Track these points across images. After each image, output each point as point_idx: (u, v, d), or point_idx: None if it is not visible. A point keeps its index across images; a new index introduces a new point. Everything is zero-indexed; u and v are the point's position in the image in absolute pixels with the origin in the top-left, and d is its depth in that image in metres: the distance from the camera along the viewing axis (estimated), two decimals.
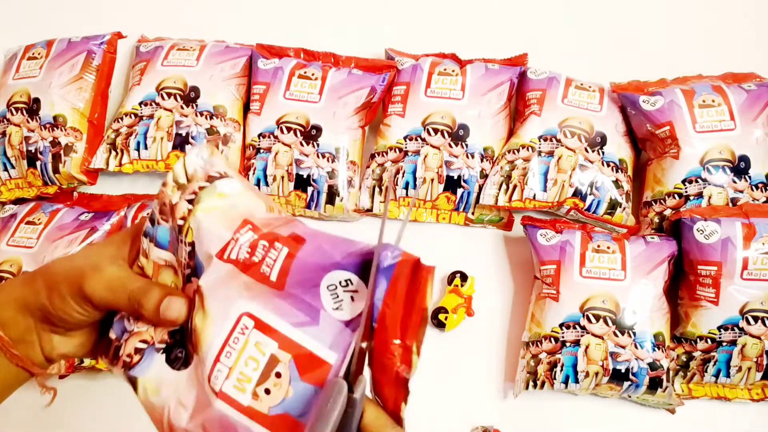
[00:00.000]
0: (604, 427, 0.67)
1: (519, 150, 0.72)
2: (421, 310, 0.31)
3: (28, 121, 0.76)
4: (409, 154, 0.73)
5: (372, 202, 0.75)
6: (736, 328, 0.63)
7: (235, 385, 0.32)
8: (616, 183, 0.71)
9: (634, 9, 0.88)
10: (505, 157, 0.73)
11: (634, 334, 0.63)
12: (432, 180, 0.73)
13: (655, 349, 0.63)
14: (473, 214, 0.75)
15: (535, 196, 0.71)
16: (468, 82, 0.76)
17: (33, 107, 0.77)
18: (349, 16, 0.89)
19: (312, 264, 0.33)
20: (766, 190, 0.69)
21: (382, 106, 0.78)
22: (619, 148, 0.73)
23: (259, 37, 0.82)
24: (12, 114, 0.77)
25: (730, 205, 0.68)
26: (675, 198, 0.70)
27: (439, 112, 0.74)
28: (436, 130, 0.73)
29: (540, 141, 0.72)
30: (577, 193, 0.71)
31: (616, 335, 0.63)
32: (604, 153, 0.72)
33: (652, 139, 0.72)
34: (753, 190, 0.69)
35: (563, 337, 0.64)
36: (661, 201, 0.71)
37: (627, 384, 0.63)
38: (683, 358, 0.66)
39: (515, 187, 0.71)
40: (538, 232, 0.70)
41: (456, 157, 0.73)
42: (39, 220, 0.73)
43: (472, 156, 0.73)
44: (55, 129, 0.76)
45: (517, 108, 0.79)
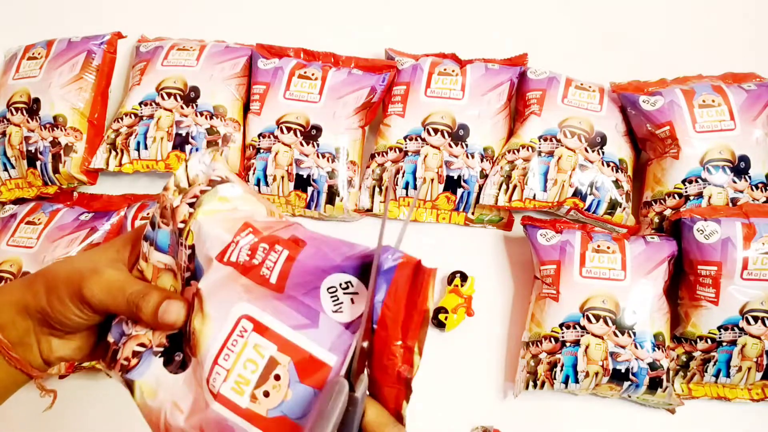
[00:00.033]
0: (604, 427, 0.67)
1: (519, 150, 0.72)
2: (422, 311, 0.31)
3: (28, 121, 0.76)
4: (409, 154, 0.73)
5: (372, 202, 0.75)
6: (736, 328, 0.63)
7: (233, 387, 0.32)
8: (616, 183, 0.71)
9: (633, 9, 0.88)
10: (505, 157, 0.73)
11: (634, 334, 0.63)
12: (432, 180, 0.73)
13: (655, 349, 0.63)
14: (473, 214, 0.75)
15: (535, 196, 0.71)
16: (468, 82, 0.76)
17: (33, 107, 0.77)
18: (349, 16, 0.89)
19: (312, 267, 0.33)
20: (766, 190, 0.69)
21: (382, 106, 0.78)
22: (619, 148, 0.73)
23: (259, 37, 0.82)
24: (12, 114, 0.77)
25: (730, 205, 0.68)
26: (675, 198, 0.70)
27: (439, 112, 0.74)
28: (436, 130, 0.73)
29: (540, 141, 0.72)
30: (577, 193, 0.71)
31: (616, 335, 0.63)
32: (604, 153, 0.72)
33: (652, 139, 0.72)
34: (753, 190, 0.69)
35: (563, 337, 0.64)
36: (661, 201, 0.71)
37: (627, 384, 0.63)
38: (683, 358, 0.66)
39: (515, 187, 0.71)
40: (538, 232, 0.70)
41: (456, 157, 0.73)
42: (39, 220, 0.73)
43: (472, 156, 0.73)
44: (55, 129, 0.76)
45: (517, 108, 0.79)
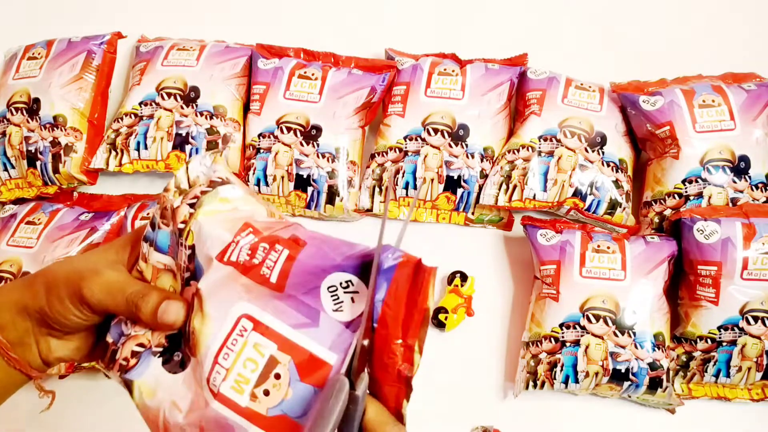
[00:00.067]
0: (604, 427, 0.67)
1: (519, 150, 0.72)
2: (422, 310, 0.31)
3: (28, 121, 0.76)
4: (409, 154, 0.73)
5: (372, 202, 0.75)
6: (736, 328, 0.63)
7: (233, 386, 0.32)
8: (616, 183, 0.71)
9: (633, 9, 0.88)
10: (505, 157, 0.73)
11: (634, 334, 0.63)
12: (432, 180, 0.73)
13: (655, 349, 0.63)
14: (473, 214, 0.75)
15: (535, 196, 0.71)
16: (468, 82, 0.76)
17: (33, 107, 0.77)
18: (349, 16, 0.89)
19: (312, 266, 0.33)
20: (766, 190, 0.69)
21: (382, 106, 0.78)
22: (619, 148, 0.73)
23: (259, 37, 0.82)
24: (12, 114, 0.77)
25: (730, 205, 0.68)
26: (675, 198, 0.70)
27: (439, 112, 0.74)
28: (436, 130, 0.73)
29: (540, 141, 0.72)
30: (577, 193, 0.71)
31: (616, 335, 0.63)
32: (604, 153, 0.72)
33: (652, 139, 0.72)
34: (753, 190, 0.69)
35: (563, 337, 0.64)
36: (661, 201, 0.71)
37: (627, 384, 0.63)
38: (683, 358, 0.66)
39: (515, 187, 0.71)
40: (538, 232, 0.70)
41: (456, 157, 0.73)
42: (39, 220, 0.73)
43: (472, 156, 0.73)
44: (55, 129, 0.76)
45: (517, 108, 0.79)
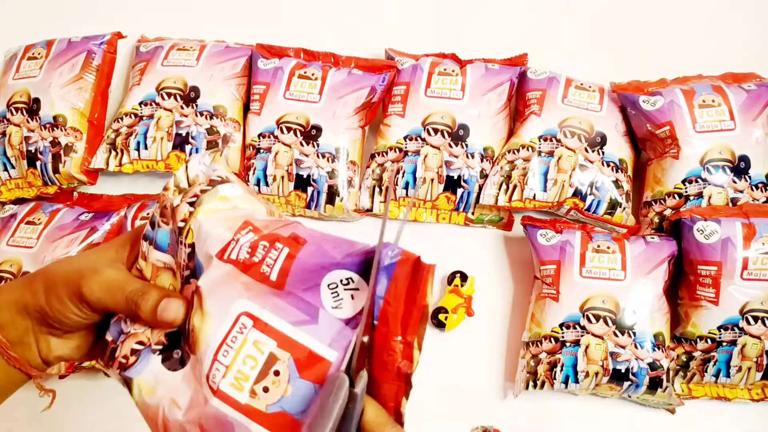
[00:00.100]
0: (604, 427, 0.67)
1: (519, 150, 0.72)
2: (421, 307, 0.31)
3: (28, 121, 0.76)
4: (409, 154, 0.73)
5: (372, 202, 0.75)
6: (736, 328, 0.63)
7: (232, 383, 0.32)
8: (616, 183, 0.71)
9: (633, 9, 0.88)
10: (505, 157, 0.73)
11: (634, 334, 0.63)
12: (432, 180, 0.73)
13: (655, 349, 0.63)
14: (473, 214, 0.75)
15: (535, 196, 0.71)
16: (468, 82, 0.76)
17: (33, 107, 0.77)
18: (349, 16, 0.89)
19: (312, 264, 0.33)
20: (766, 190, 0.69)
21: (382, 106, 0.79)
22: (619, 148, 0.73)
23: (259, 37, 0.82)
24: (12, 114, 0.77)
25: (730, 205, 0.68)
26: (675, 198, 0.70)
27: (439, 112, 0.74)
28: (436, 130, 0.73)
29: (540, 141, 0.72)
30: (577, 193, 0.71)
31: (616, 335, 0.63)
32: (604, 153, 0.72)
33: (652, 139, 0.72)
34: (753, 190, 0.69)
35: (563, 337, 0.64)
36: (661, 201, 0.71)
37: (627, 384, 0.63)
38: (683, 358, 0.66)
39: (515, 187, 0.71)
40: (538, 232, 0.70)
41: (456, 157, 0.73)
42: (39, 220, 0.73)
43: (472, 156, 0.73)
44: (55, 129, 0.76)
45: (517, 108, 0.79)
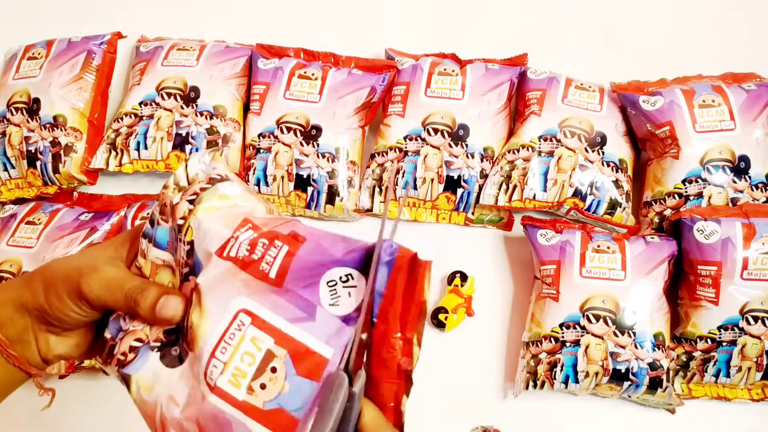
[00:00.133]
0: (604, 427, 0.67)
1: (519, 150, 0.72)
2: (419, 303, 0.31)
3: (28, 121, 0.76)
4: (409, 154, 0.73)
5: (372, 202, 0.75)
6: (736, 328, 0.63)
7: (229, 380, 0.32)
8: (616, 183, 0.71)
9: (633, 9, 0.88)
10: (505, 157, 0.73)
11: (634, 334, 0.63)
12: (432, 180, 0.73)
13: (655, 349, 0.63)
14: (473, 214, 0.75)
15: (535, 196, 0.71)
16: (468, 82, 0.76)
17: (33, 107, 0.77)
18: (349, 16, 0.89)
19: (312, 261, 0.33)
20: (766, 190, 0.69)
21: (382, 106, 0.79)
22: (619, 148, 0.73)
23: (259, 37, 0.82)
24: (12, 114, 0.77)
25: (730, 205, 0.68)
26: (675, 198, 0.70)
27: (439, 112, 0.74)
28: (436, 130, 0.73)
29: (540, 141, 0.72)
30: (577, 193, 0.71)
31: (616, 335, 0.63)
32: (604, 153, 0.72)
33: (652, 139, 0.72)
34: (753, 190, 0.69)
35: (563, 337, 0.64)
36: (661, 201, 0.71)
37: (627, 384, 0.63)
38: (683, 358, 0.66)
39: (515, 187, 0.71)
40: (538, 232, 0.70)
41: (456, 157, 0.73)
42: (39, 220, 0.73)
43: (472, 156, 0.73)
44: (55, 129, 0.76)
45: (517, 108, 0.79)
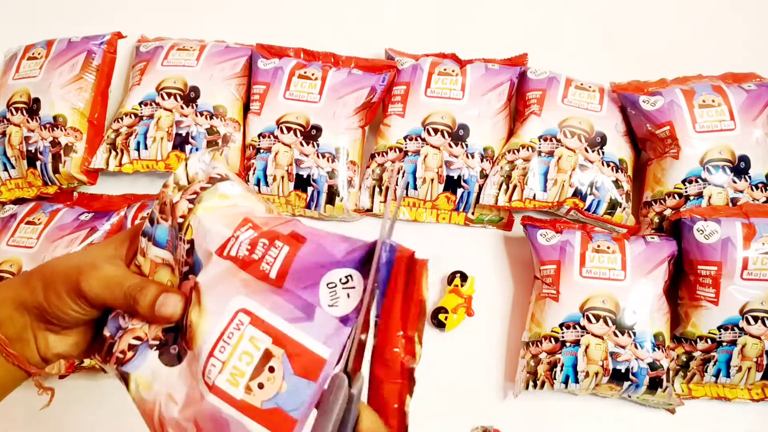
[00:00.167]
0: (604, 427, 0.67)
1: (519, 150, 0.72)
2: (419, 302, 0.32)
3: (28, 121, 0.76)
4: (409, 154, 0.73)
5: (372, 202, 0.75)
6: (736, 328, 0.63)
7: (228, 379, 0.32)
8: (616, 183, 0.71)
9: (633, 9, 0.88)
10: (505, 157, 0.73)
11: (634, 334, 0.63)
12: (432, 180, 0.73)
13: (655, 349, 0.63)
14: (473, 214, 0.75)
15: (535, 196, 0.71)
16: (468, 82, 0.76)
17: (33, 107, 0.77)
18: (349, 16, 0.89)
19: (312, 262, 0.33)
20: (766, 190, 0.69)
21: (382, 106, 0.79)
22: (619, 148, 0.73)
23: (259, 37, 0.82)
24: (12, 114, 0.77)
25: (730, 205, 0.68)
26: (675, 198, 0.70)
27: (439, 112, 0.74)
28: (436, 130, 0.73)
29: (540, 141, 0.72)
30: (577, 193, 0.71)
31: (616, 335, 0.63)
32: (604, 153, 0.72)
33: (652, 139, 0.72)
34: (753, 190, 0.69)
35: (563, 337, 0.64)
36: (661, 201, 0.71)
37: (627, 384, 0.63)
38: (683, 358, 0.66)
39: (515, 187, 0.71)
40: (538, 232, 0.70)
41: (456, 157, 0.73)
42: (39, 220, 0.73)
43: (472, 156, 0.73)
44: (55, 129, 0.76)
45: (517, 108, 0.79)
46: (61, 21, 0.89)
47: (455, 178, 0.72)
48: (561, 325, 0.64)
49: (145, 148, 0.75)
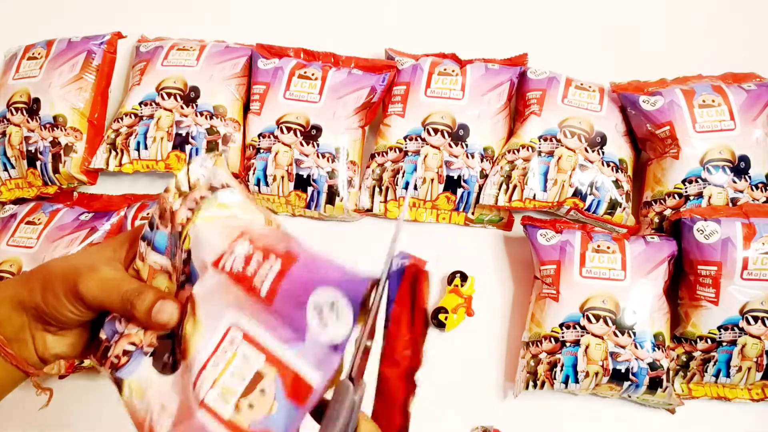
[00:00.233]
0: (604, 427, 0.67)
1: (519, 150, 0.72)
2: (422, 309, 0.32)
3: (28, 121, 0.76)
4: (409, 154, 0.73)
5: (372, 202, 0.75)
6: (736, 328, 0.63)
7: (219, 394, 0.32)
8: (616, 183, 0.71)
9: (633, 9, 0.88)
10: (505, 157, 0.73)
11: (634, 334, 0.63)
12: (432, 180, 0.73)
13: (655, 349, 0.63)
14: (473, 214, 0.75)
15: (535, 196, 0.71)
16: (468, 82, 0.76)
17: (33, 107, 0.77)
18: (349, 16, 0.89)
19: (302, 282, 0.33)
20: (766, 190, 0.69)
21: (382, 106, 0.78)
22: (619, 148, 0.73)
23: (259, 37, 0.82)
24: (12, 114, 0.77)
25: (730, 205, 0.68)
26: (675, 198, 0.70)
27: (439, 112, 0.74)
28: (436, 130, 0.73)
29: (540, 141, 0.72)
30: (577, 193, 0.71)
31: (616, 335, 0.63)
32: (604, 153, 0.72)
33: (652, 139, 0.72)
34: (753, 190, 0.69)
35: (563, 337, 0.64)
36: (661, 201, 0.71)
37: (627, 384, 0.63)
38: (683, 358, 0.66)
39: (515, 187, 0.71)
40: (538, 232, 0.70)
41: (456, 157, 0.73)
42: (39, 220, 0.73)
43: (472, 156, 0.73)
44: (55, 129, 0.76)
45: (517, 108, 0.79)
46: (61, 21, 0.89)
47: (455, 178, 0.72)
48: (561, 325, 0.64)
49: (145, 148, 0.75)
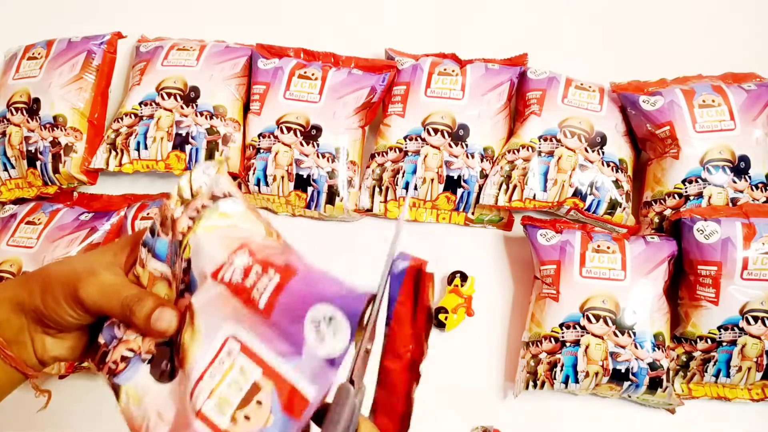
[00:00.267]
0: (604, 427, 0.67)
1: (519, 150, 0.72)
2: (425, 307, 0.34)
3: (28, 121, 0.76)
4: (409, 154, 0.73)
5: (372, 202, 0.75)
6: (736, 328, 0.63)
7: (216, 405, 0.32)
8: (616, 183, 0.71)
9: (633, 9, 0.88)
10: (505, 157, 0.73)
11: (634, 334, 0.63)
12: (432, 180, 0.73)
13: (655, 349, 0.63)
14: (473, 214, 0.75)
15: (535, 196, 0.71)
16: (468, 82, 0.76)
17: (33, 107, 0.77)
18: (349, 16, 0.89)
19: (300, 296, 0.33)
20: (766, 190, 0.69)
21: (382, 106, 0.78)
22: (619, 148, 0.73)
23: (259, 37, 0.82)
24: (12, 114, 0.77)
25: (730, 205, 0.68)
26: (675, 198, 0.70)
27: (439, 112, 0.74)
28: (436, 130, 0.73)
29: (540, 141, 0.72)
30: (577, 193, 0.71)
31: (616, 335, 0.63)
32: (604, 153, 0.72)
33: (652, 139, 0.72)
34: (753, 190, 0.69)
35: (563, 337, 0.64)
36: (661, 201, 0.71)
37: (627, 384, 0.63)
38: (683, 358, 0.66)
39: (515, 187, 0.71)
40: (538, 232, 0.70)
41: (456, 157, 0.73)
42: (39, 220, 0.73)
43: (472, 156, 0.73)
44: (55, 129, 0.76)
45: (517, 108, 0.79)
46: (61, 21, 0.89)
47: (455, 178, 0.72)
48: (561, 325, 0.64)
49: (145, 148, 0.75)
